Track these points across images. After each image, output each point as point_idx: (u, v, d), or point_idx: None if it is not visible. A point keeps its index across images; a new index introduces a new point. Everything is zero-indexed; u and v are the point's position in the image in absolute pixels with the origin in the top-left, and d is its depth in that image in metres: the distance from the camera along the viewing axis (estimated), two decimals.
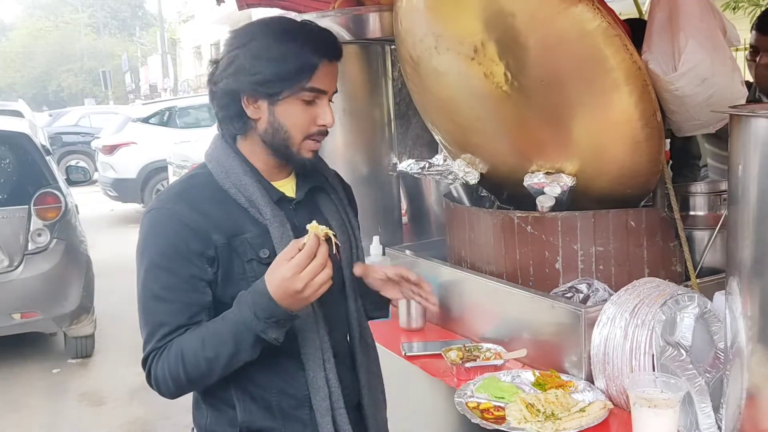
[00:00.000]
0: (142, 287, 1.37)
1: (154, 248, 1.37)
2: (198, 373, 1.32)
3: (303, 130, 1.38)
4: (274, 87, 1.34)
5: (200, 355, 1.31)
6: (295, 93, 1.35)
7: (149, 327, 1.36)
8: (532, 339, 1.88)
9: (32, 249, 4.64)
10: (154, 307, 1.36)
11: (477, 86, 1.96)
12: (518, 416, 1.55)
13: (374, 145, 2.66)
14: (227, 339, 1.29)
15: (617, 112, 1.80)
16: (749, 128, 1.28)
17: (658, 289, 1.67)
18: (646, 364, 1.56)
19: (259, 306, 1.26)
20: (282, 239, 1.37)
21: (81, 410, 4.36)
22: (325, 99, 1.39)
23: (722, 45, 1.83)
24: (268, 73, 1.34)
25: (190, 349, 1.31)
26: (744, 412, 1.37)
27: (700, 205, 2.11)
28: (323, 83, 1.37)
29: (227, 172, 1.40)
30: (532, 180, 2.01)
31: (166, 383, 1.34)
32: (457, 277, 2.19)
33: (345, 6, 2.63)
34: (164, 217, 1.38)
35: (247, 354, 1.31)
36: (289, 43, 1.34)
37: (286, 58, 1.33)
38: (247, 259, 1.37)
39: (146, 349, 1.36)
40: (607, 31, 1.71)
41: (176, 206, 1.38)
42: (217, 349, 1.30)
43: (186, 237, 1.34)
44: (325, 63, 1.36)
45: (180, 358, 1.31)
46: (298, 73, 1.34)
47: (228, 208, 1.39)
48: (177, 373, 1.32)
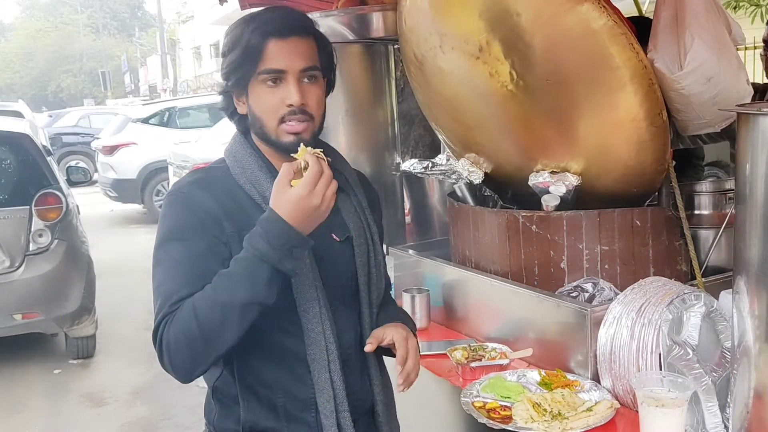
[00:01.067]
0: (156, 262, 1.35)
1: (171, 223, 1.37)
2: (212, 323, 1.25)
3: (273, 114, 1.37)
4: (235, 76, 1.37)
5: (215, 301, 1.25)
6: (255, 78, 1.36)
7: (161, 297, 1.31)
8: (538, 338, 1.88)
9: (33, 249, 4.64)
10: (168, 277, 1.32)
11: (482, 85, 1.95)
12: (525, 416, 1.55)
13: (377, 145, 2.66)
14: (241, 277, 1.25)
15: (623, 111, 1.80)
16: (757, 127, 1.28)
17: (664, 288, 1.67)
18: (653, 364, 1.56)
19: (272, 233, 1.23)
20: None
21: (82, 411, 4.35)
22: (290, 78, 1.35)
23: (728, 44, 1.83)
24: (227, 64, 1.37)
25: (203, 299, 1.26)
26: (752, 411, 1.37)
27: (706, 204, 2.11)
28: (277, 62, 1.35)
29: (243, 168, 1.41)
30: (537, 179, 2.01)
31: (178, 346, 1.26)
32: (462, 276, 2.19)
33: (348, 5, 2.62)
34: (181, 198, 1.39)
35: (263, 293, 1.25)
36: (239, 30, 1.36)
37: (236, 46, 1.35)
38: None
39: (157, 318, 1.30)
40: (612, 29, 1.71)
41: (192, 190, 1.39)
42: (232, 291, 1.24)
43: (202, 217, 1.35)
44: (274, 41, 1.34)
45: (192, 311, 1.25)
46: (247, 56, 1.34)
47: (241, 202, 1.39)
48: (190, 327, 1.25)
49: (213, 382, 1.47)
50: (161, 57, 29.73)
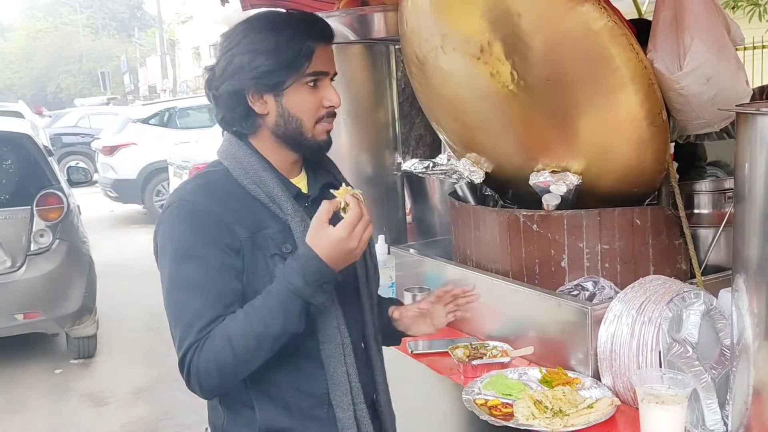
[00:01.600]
0: (170, 281, 1.34)
1: (181, 239, 1.34)
2: (246, 353, 1.28)
3: (313, 115, 1.40)
4: (277, 77, 1.35)
5: (249, 332, 1.28)
6: (298, 80, 1.36)
7: (185, 320, 1.31)
8: (539, 337, 1.89)
9: (35, 249, 4.65)
10: (188, 299, 1.31)
11: (483, 85, 1.97)
12: (526, 413, 1.56)
13: (379, 145, 2.67)
14: (276, 310, 1.28)
15: (623, 110, 1.81)
16: (756, 126, 1.29)
17: (664, 286, 1.68)
18: (653, 361, 1.57)
19: (308, 270, 1.27)
20: (303, 234, 1.36)
21: (84, 411, 4.37)
22: (328, 80, 1.41)
23: (727, 44, 1.85)
24: (269, 64, 1.34)
25: (237, 328, 1.28)
26: (751, 408, 1.38)
27: (705, 204, 2.12)
28: (323, 65, 1.39)
29: (245, 169, 1.40)
30: (538, 179, 2.03)
31: (210, 374, 1.29)
32: (463, 275, 2.20)
33: (349, 6, 2.64)
34: (187, 208, 1.36)
35: (294, 325, 1.29)
36: (283, 32, 1.35)
37: (284, 47, 1.34)
38: (270, 254, 1.36)
39: (184, 345, 1.30)
40: (613, 30, 1.72)
41: (197, 198, 1.37)
42: (266, 322, 1.28)
43: (213, 226, 1.33)
44: (321, 45, 1.38)
45: (227, 340, 1.27)
46: (297, 58, 1.35)
47: (248, 204, 1.39)
48: (224, 357, 1.27)
49: None
50: (161, 57, 29.74)
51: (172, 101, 13.06)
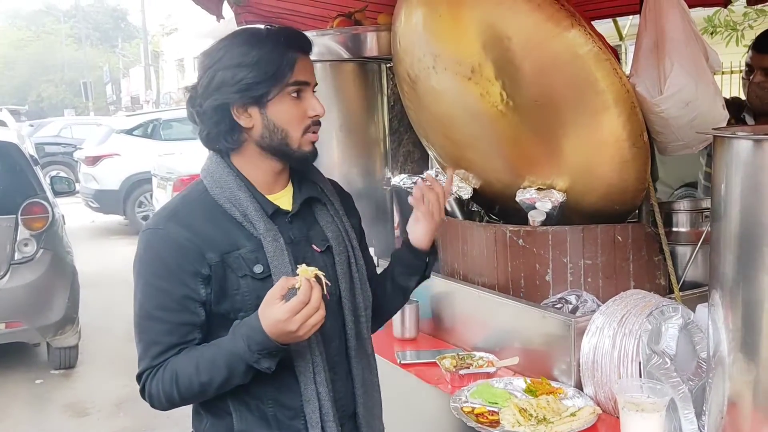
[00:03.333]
0: (137, 305, 1.42)
1: (149, 268, 1.41)
2: (191, 394, 1.39)
3: (298, 125, 1.42)
4: (261, 89, 1.38)
5: (194, 380, 1.37)
6: (282, 90, 1.40)
7: (143, 344, 1.42)
8: (524, 348, 1.94)
9: (18, 259, 4.62)
10: (148, 326, 1.41)
11: (473, 105, 2.04)
12: (512, 420, 1.61)
13: (369, 160, 2.73)
14: (221, 366, 1.35)
15: (606, 132, 1.89)
16: (731, 149, 1.34)
17: (644, 300, 1.75)
18: (633, 372, 1.63)
19: (252, 340, 1.31)
20: (275, 254, 1.40)
21: (65, 421, 4.33)
22: (310, 91, 1.44)
23: (705, 70, 1.93)
24: (252, 76, 1.37)
25: (185, 372, 1.37)
26: (726, 418, 1.42)
27: (683, 222, 2.20)
28: (305, 75, 1.42)
29: (221, 187, 1.43)
30: (524, 195, 2.09)
31: (160, 401, 1.41)
32: (450, 288, 2.25)
33: (342, 25, 2.71)
34: (158, 238, 1.41)
35: (239, 379, 1.37)
36: (264, 45, 1.39)
37: (266, 59, 1.37)
38: (242, 274, 1.39)
39: (140, 366, 1.42)
40: (598, 55, 1.80)
41: (169, 226, 1.41)
42: (211, 374, 1.36)
43: (178, 257, 1.38)
44: (302, 56, 1.42)
45: (174, 381, 1.37)
46: (280, 69, 1.39)
47: (222, 224, 1.42)
48: (171, 393, 1.38)
49: None
50: (144, 68, 29.62)
51: (157, 112, 13.01)
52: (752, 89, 2.61)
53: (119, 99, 37.53)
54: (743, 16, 6.63)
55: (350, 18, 2.72)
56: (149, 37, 32.31)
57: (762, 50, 2.57)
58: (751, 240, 1.30)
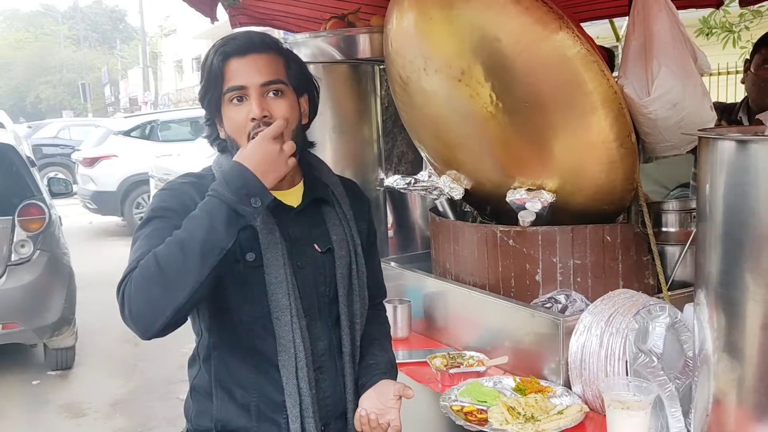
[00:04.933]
0: (134, 240, 1.38)
1: (154, 206, 1.42)
2: (172, 264, 1.25)
3: (242, 131, 1.41)
4: (206, 101, 1.43)
5: (174, 241, 1.27)
6: (222, 99, 1.42)
7: (131, 260, 1.32)
8: (513, 347, 1.96)
9: (15, 260, 4.63)
10: (141, 245, 1.34)
11: (463, 106, 2.05)
12: (500, 418, 1.63)
13: (362, 161, 2.74)
14: (201, 217, 1.28)
15: (594, 133, 1.91)
16: (716, 150, 1.35)
17: (631, 299, 1.77)
18: (620, 370, 1.65)
19: (229, 174, 1.30)
20: (269, 246, 1.41)
21: (61, 422, 4.34)
22: (252, 93, 1.39)
23: (693, 72, 1.95)
24: (200, 92, 1.45)
25: (164, 245, 1.28)
26: (711, 416, 1.43)
27: (672, 222, 2.21)
28: (238, 79, 1.39)
29: None
30: (515, 196, 2.11)
31: (138, 292, 1.26)
32: (442, 288, 2.27)
33: (336, 27, 2.72)
34: (171, 189, 1.45)
35: (221, 234, 1.26)
36: (206, 57, 1.43)
37: (204, 72, 1.43)
38: (234, 259, 1.40)
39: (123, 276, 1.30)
40: (586, 57, 1.82)
41: (183, 186, 1.45)
42: (191, 229, 1.27)
43: (186, 205, 1.37)
44: (234, 60, 1.39)
45: (152, 255, 1.27)
46: (212, 79, 1.41)
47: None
48: (149, 271, 1.25)
49: (192, 380, 1.53)
50: (143, 70, 29.65)
51: (155, 114, 13.04)
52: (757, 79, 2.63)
53: (118, 100, 37.55)
54: (739, 18, 6.64)
55: (343, 20, 2.73)
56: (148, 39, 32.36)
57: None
58: (734, 240, 1.31)
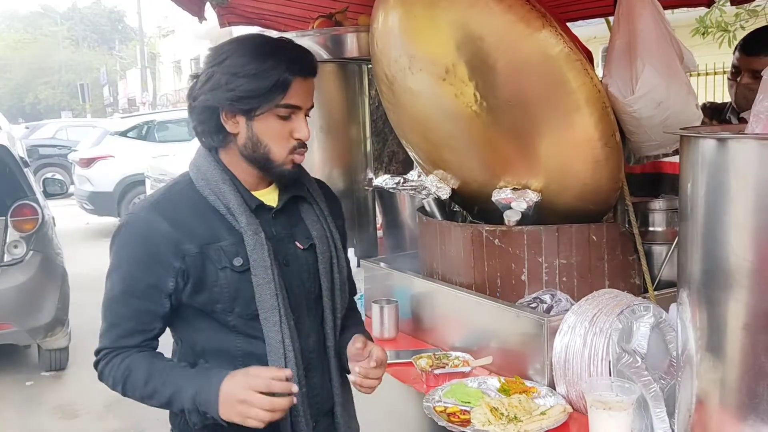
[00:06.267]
0: (108, 284, 1.47)
1: (122, 253, 1.45)
2: (133, 396, 1.45)
3: (282, 145, 1.43)
4: (250, 103, 1.39)
5: (139, 387, 1.42)
6: (270, 109, 1.40)
7: (106, 323, 1.47)
8: (499, 347, 1.95)
9: (8, 261, 4.63)
10: (112, 308, 1.46)
11: (448, 105, 2.05)
12: (482, 419, 1.62)
13: (351, 161, 2.74)
14: (166, 391, 1.40)
15: (578, 132, 1.90)
16: (697, 149, 1.35)
17: (616, 299, 1.76)
18: (603, 370, 1.64)
19: (203, 392, 1.37)
20: (255, 247, 1.41)
21: (55, 423, 4.34)
22: (301, 114, 1.44)
23: (678, 71, 1.94)
24: (244, 89, 1.38)
25: (136, 376, 1.43)
26: (694, 415, 1.43)
27: (658, 221, 2.21)
28: (297, 99, 1.42)
29: (207, 180, 1.45)
30: (500, 195, 2.10)
31: (107, 382, 1.47)
32: (429, 288, 2.26)
33: (323, 26, 2.72)
34: (136, 225, 1.45)
35: (176, 410, 1.45)
36: (264, 60, 1.39)
37: (261, 75, 1.38)
38: (221, 266, 1.41)
39: (100, 342, 1.47)
40: (569, 56, 1.81)
41: (149, 215, 1.43)
42: (155, 392, 1.41)
43: (151, 247, 1.41)
44: (299, 80, 1.41)
45: (125, 377, 1.43)
46: (272, 90, 1.38)
47: (205, 216, 1.44)
48: (117, 384, 1.45)
49: None
50: (141, 70, 29.65)
51: (151, 114, 13.04)
52: (740, 91, 2.60)
53: (116, 101, 37.57)
54: (735, 17, 6.64)
55: (331, 19, 2.73)
56: (146, 39, 32.35)
57: (750, 52, 2.57)
58: (715, 239, 1.30)
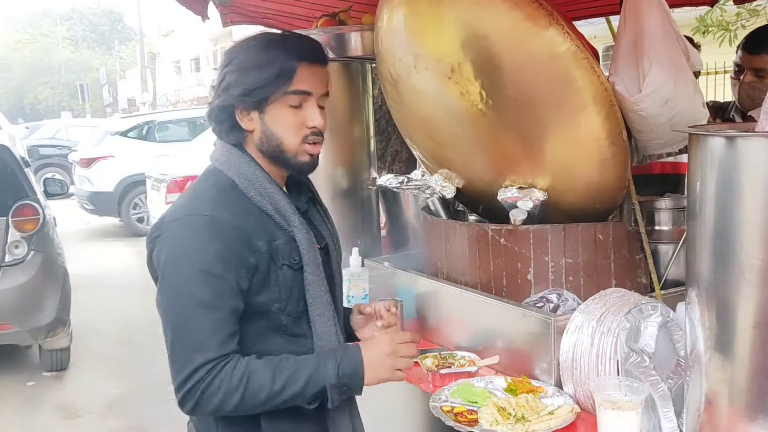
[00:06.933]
0: (184, 296, 1.34)
1: (196, 255, 1.34)
2: (253, 401, 1.33)
3: (294, 134, 1.42)
4: (259, 94, 1.39)
5: (266, 385, 1.33)
6: (279, 98, 1.40)
7: (196, 337, 1.32)
8: (505, 347, 1.94)
9: (9, 261, 4.63)
10: (201, 316, 1.32)
11: (453, 104, 2.04)
12: (490, 419, 1.61)
13: (355, 160, 2.73)
14: (300, 378, 1.35)
15: (585, 130, 1.89)
16: (706, 147, 1.34)
17: (623, 298, 1.75)
18: (611, 370, 1.63)
19: (345, 364, 1.38)
20: (309, 246, 1.43)
21: (56, 423, 4.33)
22: (313, 101, 1.43)
23: (685, 69, 1.93)
24: (251, 81, 1.39)
25: (259, 376, 1.33)
26: (703, 416, 1.43)
27: (665, 220, 2.20)
28: (306, 84, 1.41)
29: (251, 180, 1.43)
30: (506, 194, 2.10)
31: (210, 401, 1.32)
32: (434, 287, 2.25)
33: (327, 25, 2.71)
34: (203, 224, 1.36)
35: (305, 400, 1.37)
36: (268, 51, 1.40)
37: (266, 65, 1.39)
38: (281, 265, 1.41)
39: (194, 361, 1.31)
40: (576, 54, 1.81)
41: (215, 211, 1.37)
42: (286, 384, 1.34)
43: (230, 243, 1.35)
44: (305, 65, 1.41)
45: (245, 381, 1.32)
46: (278, 77, 1.39)
47: (257, 216, 1.42)
48: (233, 394, 1.31)
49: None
50: (141, 70, 29.63)
51: (151, 114, 13.03)
52: (743, 89, 2.61)
53: (116, 101, 37.55)
54: (736, 16, 6.64)
55: (335, 18, 2.72)
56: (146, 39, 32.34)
57: (752, 50, 2.57)
58: (725, 238, 1.30)
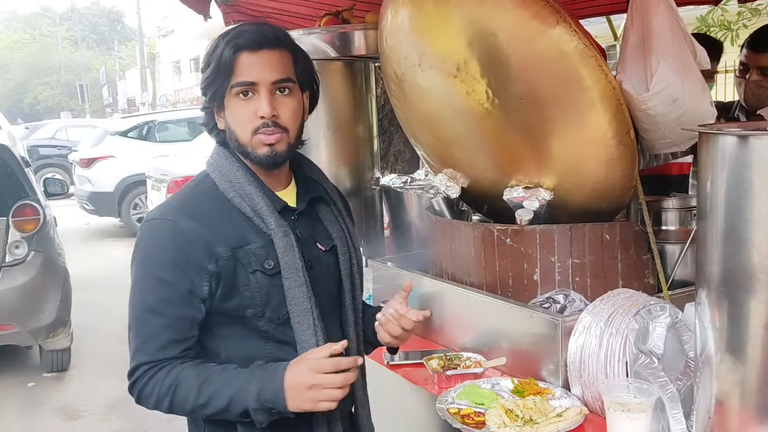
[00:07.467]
0: (137, 297, 1.39)
1: (153, 259, 1.38)
2: (181, 409, 1.37)
3: (246, 126, 1.38)
4: (212, 92, 1.39)
5: (191, 397, 1.34)
6: (228, 92, 1.38)
7: (141, 337, 1.38)
8: (511, 348, 1.93)
9: (9, 261, 4.61)
10: (148, 319, 1.37)
11: (459, 103, 2.02)
12: (498, 421, 1.59)
13: (358, 160, 2.72)
14: (223, 396, 1.34)
15: (592, 129, 1.87)
16: (717, 146, 1.33)
17: (631, 299, 1.74)
18: (620, 371, 1.62)
19: (267, 388, 1.32)
20: (286, 250, 1.39)
21: (57, 424, 4.32)
22: (262, 90, 1.37)
23: (692, 67, 1.91)
24: (204, 81, 1.40)
25: (186, 386, 1.35)
26: (713, 417, 1.41)
27: (672, 220, 2.19)
28: (249, 74, 1.36)
29: (231, 182, 1.42)
30: (512, 194, 2.08)
31: (148, 401, 1.38)
32: (438, 288, 2.23)
33: (330, 24, 2.69)
34: (165, 229, 1.38)
35: (232, 416, 1.35)
36: (215, 47, 1.39)
37: (210, 62, 1.38)
38: (252, 270, 1.38)
39: (136, 359, 1.38)
40: (583, 52, 1.79)
41: (178, 218, 1.38)
42: (210, 399, 1.34)
43: (186, 251, 1.36)
44: (245, 54, 1.36)
45: (173, 389, 1.35)
46: (219, 71, 1.37)
47: (232, 219, 1.40)
48: (163, 399, 1.36)
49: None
50: (140, 71, 29.61)
51: (151, 114, 13.02)
52: (749, 88, 2.59)
53: (116, 101, 37.55)
54: (737, 16, 6.62)
55: (338, 17, 2.71)
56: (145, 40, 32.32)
57: (758, 49, 2.55)
58: (736, 237, 1.28)
